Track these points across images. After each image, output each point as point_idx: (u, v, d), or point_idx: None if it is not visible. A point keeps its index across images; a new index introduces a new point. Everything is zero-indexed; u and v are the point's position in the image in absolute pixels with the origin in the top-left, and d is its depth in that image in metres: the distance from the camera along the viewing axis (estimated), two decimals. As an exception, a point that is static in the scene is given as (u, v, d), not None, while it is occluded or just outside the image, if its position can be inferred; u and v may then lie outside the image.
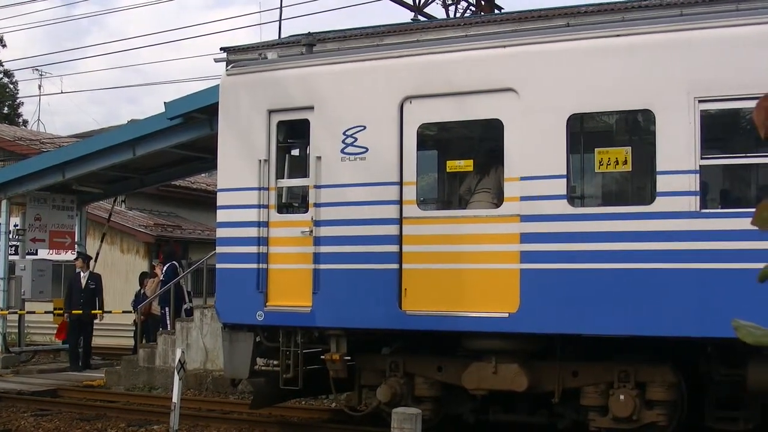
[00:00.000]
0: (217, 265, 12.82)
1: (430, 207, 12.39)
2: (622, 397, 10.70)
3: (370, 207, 11.66)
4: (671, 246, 10.07)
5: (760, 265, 2.42)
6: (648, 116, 10.62)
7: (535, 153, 10.81)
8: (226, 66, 14.96)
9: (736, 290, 9.57)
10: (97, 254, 23.31)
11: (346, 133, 11.83)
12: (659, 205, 10.19)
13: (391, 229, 11.50)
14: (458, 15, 27.12)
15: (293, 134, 12.68)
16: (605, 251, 10.42)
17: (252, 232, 12.35)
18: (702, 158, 10.04)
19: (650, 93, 10.31)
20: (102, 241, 24.66)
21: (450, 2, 27.38)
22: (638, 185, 11.62)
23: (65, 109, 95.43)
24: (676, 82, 10.18)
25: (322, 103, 12.07)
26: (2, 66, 54.81)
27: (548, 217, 10.69)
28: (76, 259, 21.97)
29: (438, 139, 13.06)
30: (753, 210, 2.37)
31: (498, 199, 11.32)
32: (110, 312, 22.67)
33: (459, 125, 12.21)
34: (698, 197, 10.03)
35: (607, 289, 10.38)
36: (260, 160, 12.36)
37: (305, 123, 12.25)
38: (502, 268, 10.93)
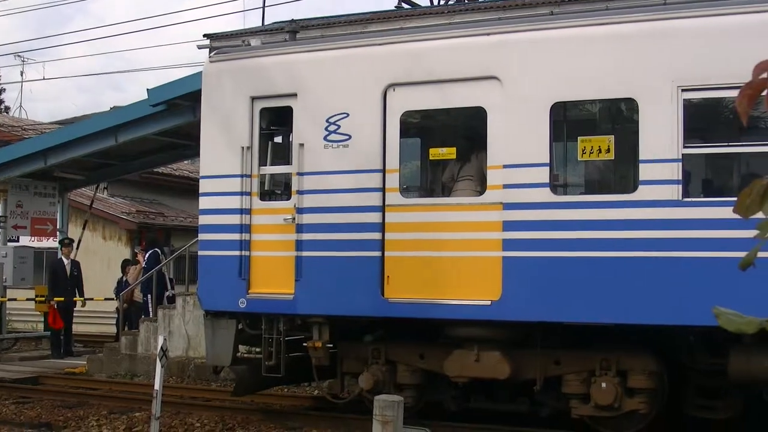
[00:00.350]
0: (200, 252, 12.79)
1: (412, 195, 12.39)
2: (603, 385, 10.72)
3: (352, 194, 11.63)
4: (654, 234, 10.08)
5: (742, 254, 2.41)
6: (631, 105, 10.63)
7: (518, 141, 10.80)
8: (210, 53, 14.86)
9: (719, 278, 9.59)
10: (79, 241, 23.19)
11: (329, 120, 11.79)
12: (642, 193, 10.20)
13: (374, 217, 11.48)
14: (442, 3, 27.06)
15: (276, 121, 12.64)
16: (588, 239, 10.43)
17: (234, 219, 12.31)
18: (685, 147, 10.05)
19: (633, 82, 10.31)
20: (84, 228, 24.53)
21: (434, -10, 27.27)
22: (621, 174, 11.64)
23: (47, 95, 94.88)
24: (659, 70, 10.18)
25: (306, 91, 12.03)
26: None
27: (531, 205, 10.69)
28: (68, 245, 21.83)
29: (421, 127, 13.04)
30: (735, 199, 2.36)
31: (481, 187, 11.31)
32: (92, 299, 22.57)
33: (442, 113, 12.20)
34: (681, 186, 10.04)
35: (589, 278, 10.39)
36: (243, 147, 12.31)
37: (288, 110, 12.21)
38: (485, 255, 10.92)
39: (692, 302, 9.74)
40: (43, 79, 67.06)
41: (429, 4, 23.26)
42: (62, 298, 20.85)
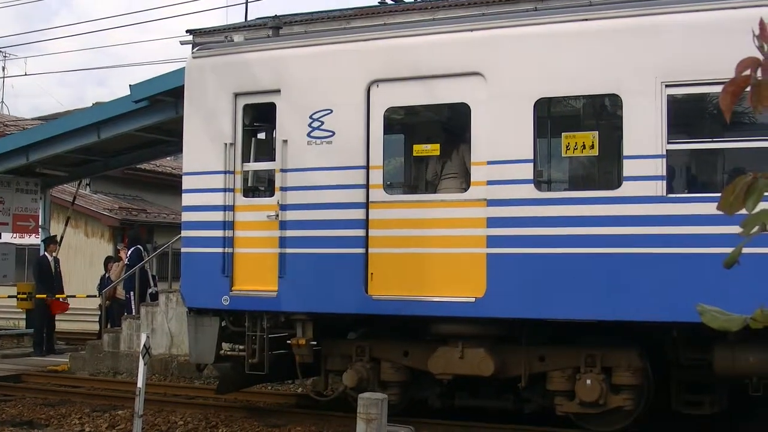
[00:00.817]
0: (183, 249, 12.78)
1: (396, 191, 12.38)
2: (588, 381, 10.73)
3: (336, 191, 11.61)
4: (638, 231, 10.09)
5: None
6: (615, 101, 10.64)
7: (502, 137, 10.79)
8: (192, 48, 14.83)
9: (702, 275, 9.61)
10: (61, 238, 23.09)
11: (313, 116, 11.76)
12: (626, 189, 10.21)
13: (358, 214, 11.46)
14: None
15: (259, 118, 12.61)
16: (571, 236, 10.43)
17: (218, 216, 12.27)
18: (669, 143, 10.07)
19: (617, 77, 10.31)
20: (66, 225, 24.42)
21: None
22: (605, 170, 11.65)
23: (30, 91, 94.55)
24: (643, 66, 10.18)
25: (289, 87, 11.99)
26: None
27: (515, 202, 10.68)
28: (55, 242, 21.77)
29: (405, 123, 13.02)
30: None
31: (465, 184, 11.30)
32: (74, 296, 22.48)
33: (426, 109, 12.22)
34: (665, 182, 10.05)
35: (573, 274, 10.40)
36: (226, 144, 12.27)
37: (271, 106, 12.18)
38: (469, 252, 10.92)
39: (678, 299, 9.75)
40: (25, 74, 66.77)
41: (412, 0, 23.25)
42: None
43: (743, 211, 2.33)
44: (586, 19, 10.68)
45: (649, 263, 10.01)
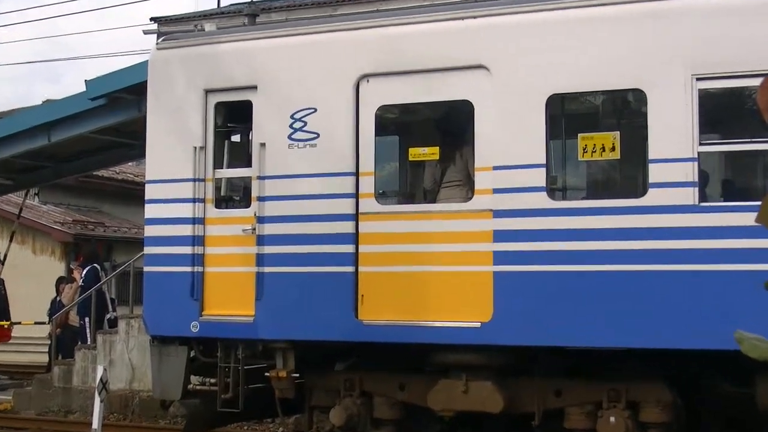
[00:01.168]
0: (145, 268, 12.75)
1: (390, 201, 12.38)
2: (612, 419, 10.70)
3: (321, 201, 11.62)
4: (665, 245, 10.09)
5: None
6: (639, 96, 10.64)
7: (510, 139, 10.80)
8: (157, 39, 14.84)
9: (739, 296, 9.62)
10: (5, 256, 23.04)
11: (294, 116, 11.78)
12: (652, 197, 10.21)
13: (346, 226, 11.47)
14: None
15: (234, 117, 12.64)
16: (590, 251, 10.44)
17: (186, 230, 12.27)
18: (701, 144, 10.07)
19: (641, 70, 10.33)
20: (11, 241, 24.37)
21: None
22: (628, 175, 11.68)
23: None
24: (671, 57, 10.20)
25: (267, 82, 12.02)
26: None
27: (525, 212, 10.69)
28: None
29: (399, 123, 13.06)
30: (758, 203, 2.35)
31: (468, 192, 11.31)
32: (20, 323, 22.42)
33: (423, 107, 12.22)
34: (696, 188, 10.04)
35: (592, 295, 10.39)
36: (195, 147, 12.28)
37: (247, 105, 12.20)
38: (473, 270, 10.92)
39: (712, 323, 9.75)
40: (-36, 69, 66.71)
41: (407, -17, 23.28)
42: (5, 322, 20.80)
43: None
44: (605, 4, 10.71)
45: (678, 282, 10.01)
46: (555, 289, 10.56)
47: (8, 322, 21.37)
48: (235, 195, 12.68)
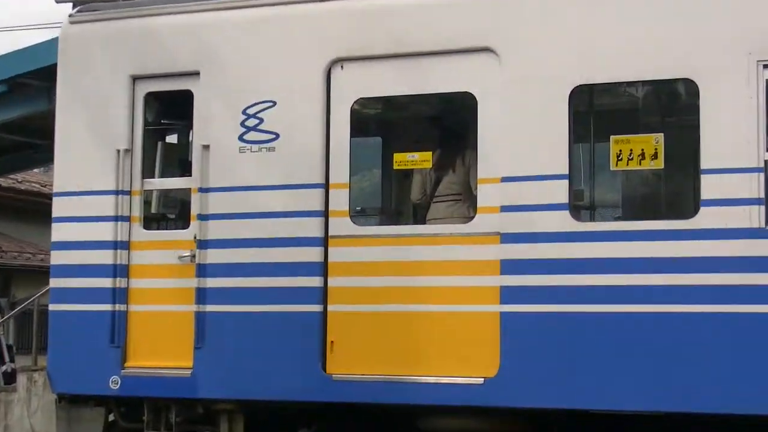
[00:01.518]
0: (51, 306, 12.65)
1: (369, 221, 12.37)
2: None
3: (280, 221, 11.63)
4: (723, 279, 10.05)
5: None
6: (689, 88, 10.63)
7: (522, 142, 10.81)
8: (72, 9, 14.79)
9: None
10: None
11: (248, 111, 11.80)
12: (705, 218, 10.17)
13: (312, 254, 11.45)
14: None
15: (169, 112, 12.72)
16: (624, 287, 10.41)
17: (105, 256, 12.25)
18: (768, 150, 10.08)
19: (692, 55, 10.32)
20: None
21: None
22: (674, 190, 11.68)
23: None
24: (730, 39, 10.19)
25: (213, 68, 12.05)
26: None
27: (542, 237, 10.68)
28: None
29: (382, 122, 13.11)
30: None
31: (469, 210, 11.29)
32: None
33: (412, 101, 12.23)
34: (762, 207, 10.01)
35: (626, 344, 10.35)
36: (119, 150, 12.30)
37: (187, 96, 12.22)
38: (475, 311, 10.91)
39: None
40: None
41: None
42: None
43: None
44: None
45: (740, 327, 9.96)
46: (579, 335, 10.52)
47: None
48: (169, 212, 12.70)
